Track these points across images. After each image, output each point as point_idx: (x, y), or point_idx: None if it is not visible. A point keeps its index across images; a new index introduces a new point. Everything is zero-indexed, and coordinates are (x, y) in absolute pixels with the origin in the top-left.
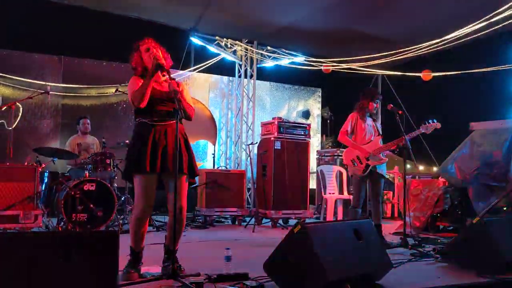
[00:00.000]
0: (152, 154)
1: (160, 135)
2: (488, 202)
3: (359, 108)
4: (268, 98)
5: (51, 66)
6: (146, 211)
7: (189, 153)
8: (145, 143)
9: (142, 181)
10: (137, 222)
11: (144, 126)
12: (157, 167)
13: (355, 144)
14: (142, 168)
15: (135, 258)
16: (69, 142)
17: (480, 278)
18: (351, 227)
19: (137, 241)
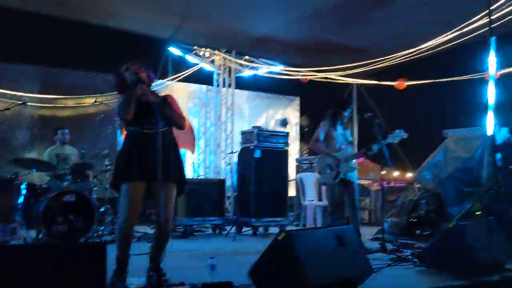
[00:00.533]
0: (139, 161)
1: (148, 143)
2: (462, 207)
3: (331, 117)
4: (246, 107)
5: (28, 76)
6: (132, 220)
7: (178, 162)
8: (133, 151)
9: (130, 189)
10: (122, 231)
11: (132, 134)
12: (145, 174)
13: (326, 152)
14: (130, 175)
15: (121, 268)
16: (47, 153)
17: (457, 280)
18: (333, 233)
19: (123, 250)
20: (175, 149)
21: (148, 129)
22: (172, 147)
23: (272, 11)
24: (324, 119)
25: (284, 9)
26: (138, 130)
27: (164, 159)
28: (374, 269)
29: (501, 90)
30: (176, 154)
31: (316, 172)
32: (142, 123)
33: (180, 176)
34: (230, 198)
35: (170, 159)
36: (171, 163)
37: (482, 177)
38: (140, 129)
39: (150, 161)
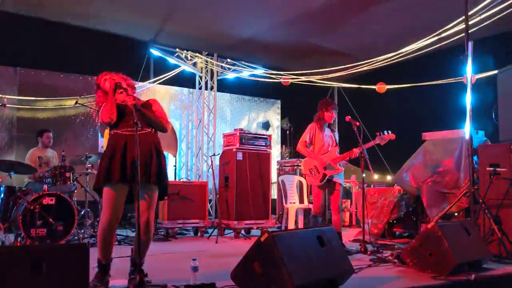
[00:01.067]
0: (120, 164)
1: (129, 146)
2: (441, 208)
3: (316, 119)
4: (228, 110)
5: (6, 77)
6: (113, 222)
7: (160, 165)
8: (114, 154)
9: (111, 191)
10: (104, 233)
11: (115, 137)
12: (125, 176)
13: (313, 154)
14: (111, 177)
15: (102, 271)
16: (29, 155)
17: (435, 280)
18: (314, 234)
19: (105, 253)
20: (157, 151)
21: (130, 131)
22: (154, 149)
23: (254, 15)
24: (313, 121)
25: (267, 13)
26: (119, 133)
27: (145, 161)
28: (354, 269)
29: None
30: (157, 157)
31: (303, 174)
32: (123, 126)
33: (160, 179)
34: (212, 201)
35: (151, 162)
36: (152, 166)
37: (460, 179)
38: (121, 132)
39: (131, 164)
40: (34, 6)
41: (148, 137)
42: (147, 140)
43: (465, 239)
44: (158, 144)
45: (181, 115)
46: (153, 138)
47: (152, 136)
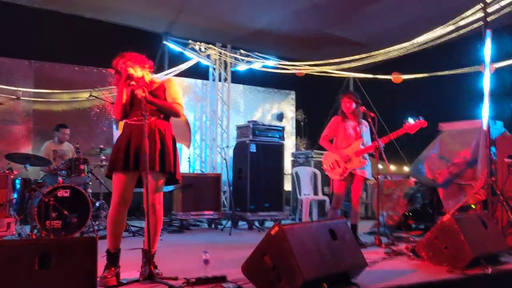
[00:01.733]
0: (126, 151)
1: (135, 134)
2: (458, 200)
3: (339, 112)
4: (242, 101)
5: (21, 70)
6: (120, 207)
7: (165, 153)
8: (121, 142)
9: (118, 176)
10: (111, 218)
11: (124, 126)
12: (129, 165)
13: (333, 148)
14: (117, 165)
15: (111, 260)
16: (44, 148)
17: (450, 274)
18: (326, 227)
19: (113, 241)
20: (162, 139)
21: (136, 120)
22: (158, 137)
23: (268, 4)
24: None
25: (280, 3)
26: (128, 123)
27: (150, 149)
28: (368, 262)
29: (496, 83)
30: (162, 144)
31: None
32: (132, 115)
33: (164, 166)
34: (226, 193)
35: (155, 150)
36: (156, 154)
37: (477, 171)
38: (129, 121)
39: (134, 153)
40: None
41: (153, 125)
42: (152, 128)
43: (481, 231)
44: (166, 131)
45: (195, 107)
46: (160, 125)
47: (158, 123)
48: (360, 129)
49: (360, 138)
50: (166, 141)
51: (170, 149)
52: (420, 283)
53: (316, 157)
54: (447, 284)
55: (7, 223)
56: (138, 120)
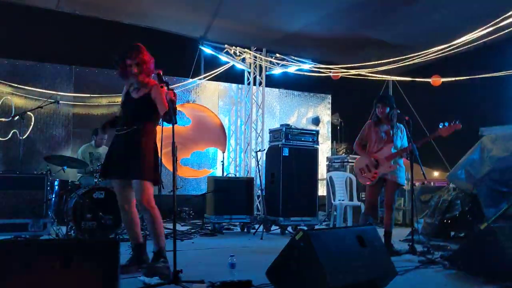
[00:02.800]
0: (107, 160)
1: (115, 144)
2: (499, 208)
3: (373, 116)
4: (277, 105)
5: (62, 75)
6: (122, 209)
7: (135, 160)
8: (109, 151)
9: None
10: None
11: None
12: (106, 173)
13: (364, 153)
14: (101, 173)
15: (134, 253)
16: (81, 151)
17: (487, 285)
18: (354, 234)
19: (131, 237)
20: (136, 148)
21: (118, 130)
22: (133, 146)
23: (302, 7)
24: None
25: (315, 5)
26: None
27: (124, 158)
28: (400, 271)
29: None
30: (135, 153)
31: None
32: (118, 125)
33: (134, 173)
34: (259, 197)
35: (127, 158)
36: (128, 162)
37: None
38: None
39: (112, 161)
40: (88, 6)
41: (131, 134)
42: (129, 137)
43: None
44: (139, 140)
45: (230, 111)
46: (135, 135)
47: (135, 133)
48: (393, 133)
49: (392, 142)
50: (140, 151)
51: (140, 157)
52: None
53: (352, 161)
54: None
55: (44, 223)
56: (118, 130)
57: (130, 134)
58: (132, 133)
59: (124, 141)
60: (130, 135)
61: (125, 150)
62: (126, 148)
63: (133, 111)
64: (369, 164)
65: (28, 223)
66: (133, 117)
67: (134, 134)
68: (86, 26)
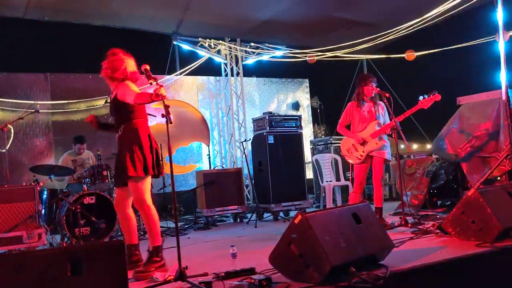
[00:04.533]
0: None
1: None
2: (482, 173)
3: (356, 96)
4: (256, 94)
5: (38, 84)
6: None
7: (118, 163)
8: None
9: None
10: None
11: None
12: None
13: (349, 133)
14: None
15: (129, 254)
16: (62, 160)
17: (479, 248)
18: (349, 212)
19: (126, 237)
20: (119, 153)
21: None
22: (118, 152)
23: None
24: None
25: None
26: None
27: (115, 166)
28: (395, 243)
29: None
30: (118, 159)
31: (342, 155)
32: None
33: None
34: (249, 186)
35: (115, 167)
36: (115, 170)
37: (500, 141)
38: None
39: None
40: (57, 11)
41: (118, 142)
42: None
43: (509, 203)
44: (123, 140)
45: (210, 104)
46: (119, 142)
47: (119, 139)
48: (375, 110)
49: (375, 119)
50: (120, 153)
51: (121, 158)
52: (448, 259)
53: (336, 142)
54: (477, 258)
55: (38, 233)
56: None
57: (119, 139)
58: (119, 137)
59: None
60: (119, 139)
61: (116, 157)
62: (117, 155)
63: (113, 115)
64: (356, 143)
65: (22, 236)
66: (116, 121)
67: (120, 138)
68: (57, 31)
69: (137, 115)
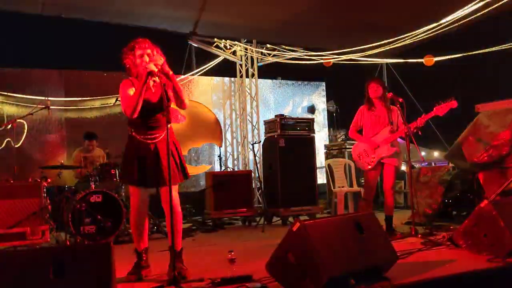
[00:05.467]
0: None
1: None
2: (499, 184)
3: (366, 100)
4: (271, 96)
5: (52, 80)
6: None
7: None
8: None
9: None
10: None
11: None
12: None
13: (361, 138)
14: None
15: (137, 258)
16: (74, 155)
17: (491, 263)
18: (351, 221)
19: (136, 241)
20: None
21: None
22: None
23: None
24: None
25: None
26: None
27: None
28: (402, 255)
29: None
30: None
31: (354, 160)
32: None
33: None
34: (260, 189)
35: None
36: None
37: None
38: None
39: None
40: (72, 9)
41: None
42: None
43: None
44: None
45: (224, 105)
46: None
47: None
48: (388, 116)
49: (388, 125)
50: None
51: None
52: (456, 274)
53: (350, 148)
54: (487, 274)
55: (42, 230)
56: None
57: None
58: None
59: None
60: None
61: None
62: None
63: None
64: (368, 149)
65: (26, 232)
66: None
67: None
68: (73, 28)
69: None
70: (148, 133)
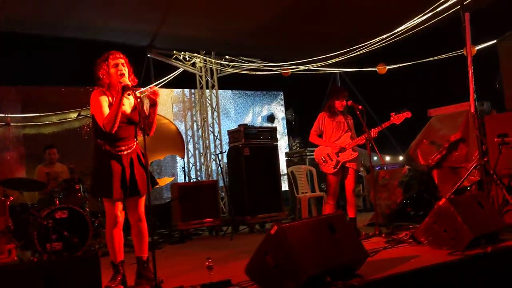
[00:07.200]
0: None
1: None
2: (453, 183)
3: (327, 107)
4: (232, 106)
5: (8, 97)
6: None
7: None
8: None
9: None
10: None
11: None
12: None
13: (325, 142)
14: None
15: (115, 272)
16: (36, 172)
17: (451, 256)
18: (324, 222)
19: (112, 253)
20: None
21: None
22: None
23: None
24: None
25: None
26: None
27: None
28: (370, 253)
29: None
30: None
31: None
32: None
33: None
34: (224, 199)
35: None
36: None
37: (469, 152)
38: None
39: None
40: (28, 24)
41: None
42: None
43: (478, 212)
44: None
45: (184, 116)
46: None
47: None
48: (347, 122)
49: (348, 131)
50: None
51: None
52: (421, 268)
53: (310, 154)
54: (448, 266)
55: (8, 249)
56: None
57: (138, 148)
58: (138, 147)
59: None
60: (138, 148)
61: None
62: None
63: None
64: (331, 153)
65: None
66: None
67: (138, 147)
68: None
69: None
70: (120, 145)
